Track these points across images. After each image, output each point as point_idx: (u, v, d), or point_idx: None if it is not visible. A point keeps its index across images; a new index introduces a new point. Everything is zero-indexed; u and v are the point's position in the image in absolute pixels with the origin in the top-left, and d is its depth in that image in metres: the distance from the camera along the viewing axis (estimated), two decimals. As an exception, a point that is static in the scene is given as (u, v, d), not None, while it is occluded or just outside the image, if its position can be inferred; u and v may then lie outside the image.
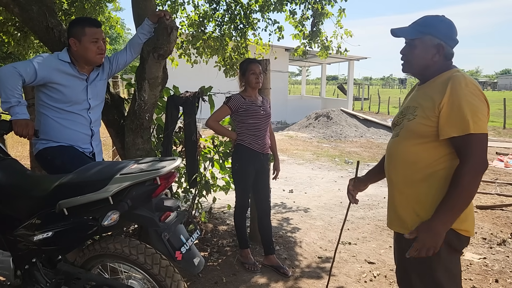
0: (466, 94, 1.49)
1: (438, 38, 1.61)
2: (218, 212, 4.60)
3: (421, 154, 1.60)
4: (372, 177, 2.02)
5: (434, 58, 1.62)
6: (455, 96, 1.50)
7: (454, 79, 1.53)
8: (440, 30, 1.61)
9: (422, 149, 1.59)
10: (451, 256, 1.59)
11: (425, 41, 1.62)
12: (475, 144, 1.47)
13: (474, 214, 1.63)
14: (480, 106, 1.49)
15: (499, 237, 3.90)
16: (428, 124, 1.56)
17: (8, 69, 2.10)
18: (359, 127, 13.25)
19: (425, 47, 1.62)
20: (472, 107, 1.47)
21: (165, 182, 1.81)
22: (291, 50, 14.71)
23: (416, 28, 1.65)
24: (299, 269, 3.20)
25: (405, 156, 1.65)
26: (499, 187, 6.03)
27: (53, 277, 1.96)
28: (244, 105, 3.04)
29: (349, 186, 2.08)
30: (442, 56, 1.62)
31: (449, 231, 1.52)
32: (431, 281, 1.58)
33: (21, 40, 4.57)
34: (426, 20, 1.65)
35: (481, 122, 1.48)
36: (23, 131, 2.07)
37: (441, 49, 1.61)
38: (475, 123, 1.47)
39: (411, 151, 1.63)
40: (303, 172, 7.41)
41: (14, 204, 1.94)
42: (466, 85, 1.50)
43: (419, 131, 1.59)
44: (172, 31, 2.44)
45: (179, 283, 1.81)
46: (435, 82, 1.61)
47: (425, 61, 1.64)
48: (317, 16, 4.90)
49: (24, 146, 7.41)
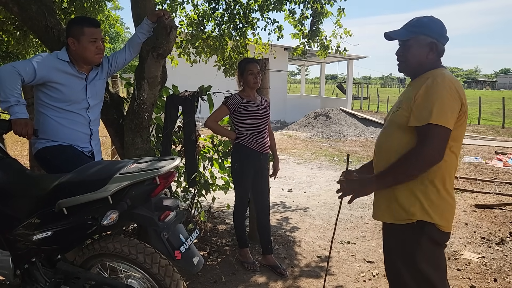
0: (439, 88, 1.57)
1: (431, 36, 1.69)
2: (217, 212, 4.61)
3: (401, 142, 1.68)
4: (365, 172, 2.06)
5: (428, 55, 1.71)
6: (428, 90, 1.59)
7: (434, 75, 1.62)
8: (432, 29, 1.70)
9: (402, 137, 1.68)
10: (433, 248, 1.66)
11: (419, 40, 1.70)
12: (431, 134, 1.54)
13: (453, 211, 1.70)
14: (449, 102, 1.56)
15: (497, 236, 3.91)
16: (406, 115, 1.66)
17: (7, 68, 2.09)
18: (358, 126, 13.26)
19: (419, 45, 1.71)
20: (440, 101, 1.55)
21: (165, 181, 1.82)
22: (290, 49, 14.72)
23: (409, 29, 1.73)
24: (298, 268, 3.21)
25: (388, 144, 1.75)
26: (498, 186, 6.04)
27: (52, 277, 1.97)
28: (243, 105, 3.04)
29: (340, 178, 2.10)
30: (435, 53, 1.71)
31: (430, 226, 1.63)
32: (415, 271, 1.66)
33: (20, 39, 4.56)
34: (419, 20, 1.73)
35: (445, 116, 1.55)
36: (22, 130, 2.07)
37: (434, 47, 1.69)
38: (437, 115, 1.54)
39: (393, 140, 1.72)
40: (302, 171, 7.42)
41: (14, 204, 1.94)
42: (443, 81, 1.58)
43: (399, 122, 1.69)
44: (171, 30, 2.44)
45: (178, 283, 1.81)
46: (421, 79, 1.70)
47: (419, 59, 1.72)
48: (317, 16, 4.89)
49: (23, 145, 7.40)
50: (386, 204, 1.74)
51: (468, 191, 5.70)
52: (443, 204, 1.65)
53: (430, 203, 1.63)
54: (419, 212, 1.64)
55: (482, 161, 8.32)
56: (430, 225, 1.63)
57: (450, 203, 1.68)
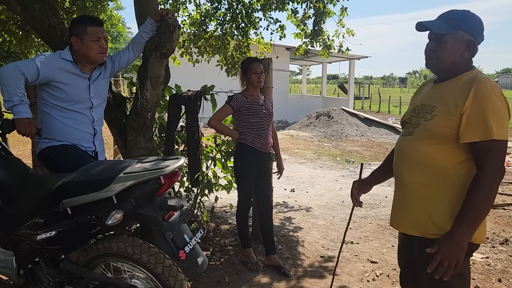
0: (492, 98, 1.43)
1: (470, 34, 1.53)
2: (220, 211, 4.60)
3: (438, 156, 1.53)
4: (377, 178, 1.98)
5: (464, 55, 1.55)
6: (480, 100, 1.43)
7: (480, 81, 1.46)
8: (473, 25, 1.54)
9: (439, 150, 1.53)
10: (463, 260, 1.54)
11: (457, 37, 1.53)
12: (495, 151, 1.42)
13: (486, 221, 1.58)
14: (504, 112, 1.44)
15: (501, 237, 3.89)
16: (448, 126, 1.49)
17: (11, 68, 2.09)
18: (360, 126, 13.24)
19: (456, 42, 1.53)
20: (497, 112, 1.42)
21: (169, 181, 1.80)
22: (292, 49, 14.68)
23: (447, 22, 1.55)
24: (302, 268, 3.20)
25: (420, 156, 1.58)
26: (501, 186, 6.02)
27: (56, 277, 1.96)
28: (246, 104, 3.03)
29: (352, 189, 2.04)
30: (471, 53, 1.56)
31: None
32: (442, 284, 1.52)
33: (22, 38, 4.57)
34: (457, 14, 1.56)
35: (504, 128, 1.43)
36: (25, 130, 2.06)
37: (471, 45, 1.54)
38: (498, 129, 1.41)
39: (426, 151, 1.56)
40: (304, 171, 7.41)
41: (17, 203, 1.93)
42: (492, 89, 1.44)
43: (438, 132, 1.52)
44: (174, 29, 2.44)
45: (182, 283, 1.80)
46: (457, 83, 1.54)
47: (454, 58, 1.55)
48: (319, 15, 4.88)
49: (25, 144, 7.41)
50: (412, 216, 1.60)
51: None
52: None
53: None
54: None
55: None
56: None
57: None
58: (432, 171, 1.54)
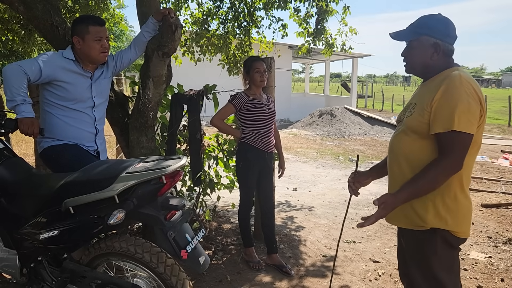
0: (459, 93, 1.50)
1: (434, 37, 1.63)
2: (222, 211, 4.60)
3: (418, 150, 1.62)
4: (375, 173, 2.02)
5: (432, 57, 1.64)
6: (446, 94, 1.51)
7: (450, 78, 1.54)
8: (435, 29, 1.63)
9: (419, 145, 1.62)
10: (447, 251, 1.63)
11: (422, 42, 1.65)
12: (455, 142, 1.50)
13: (470, 215, 1.65)
14: (471, 106, 1.49)
15: (504, 236, 3.88)
16: (423, 121, 1.59)
17: (14, 67, 2.10)
18: (363, 125, 13.20)
19: (422, 47, 1.65)
20: (462, 105, 1.48)
21: (171, 180, 1.81)
22: (294, 47, 14.67)
23: (412, 29, 1.68)
24: (304, 267, 3.19)
25: (404, 151, 1.68)
26: (504, 185, 5.99)
27: (58, 275, 1.97)
28: (249, 103, 3.03)
29: (349, 178, 2.08)
30: (441, 54, 1.64)
31: (446, 232, 1.58)
32: (429, 274, 1.62)
33: (25, 38, 4.59)
34: (422, 20, 1.68)
35: (468, 122, 1.49)
36: (28, 129, 2.07)
37: (438, 47, 1.63)
38: (461, 121, 1.47)
39: (408, 147, 1.66)
40: (307, 170, 7.40)
41: (20, 203, 1.94)
42: (461, 84, 1.51)
43: (415, 127, 1.62)
44: (176, 29, 2.44)
45: (184, 282, 1.80)
46: (435, 81, 1.63)
47: (424, 61, 1.66)
48: (322, 14, 4.86)
49: (28, 144, 7.44)
50: (401, 209, 1.66)
51: (474, 190, 5.65)
52: (460, 209, 1.59)
53: (446, 209, 1.57)
54: (434, 219, 1.58)
55: (488, 160, 8.26)
56: (446, 232, 1.59)
57: (467, 206, 1.62)
58: (414, 165, 1.62)
